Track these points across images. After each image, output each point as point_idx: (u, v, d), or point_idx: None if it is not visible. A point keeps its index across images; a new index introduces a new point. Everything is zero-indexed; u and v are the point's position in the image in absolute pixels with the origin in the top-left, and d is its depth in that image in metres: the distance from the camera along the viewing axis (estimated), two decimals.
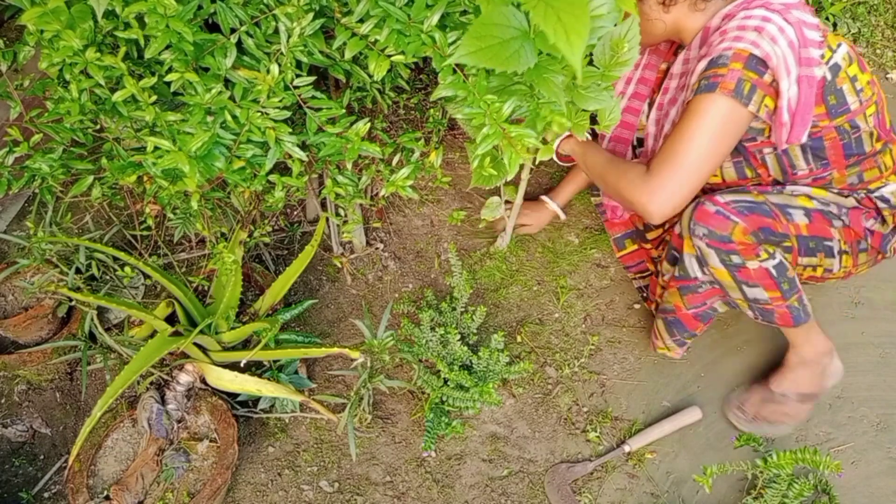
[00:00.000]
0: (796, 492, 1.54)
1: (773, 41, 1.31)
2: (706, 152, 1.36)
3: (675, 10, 1.45)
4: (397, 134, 2.10)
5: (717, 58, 1.35)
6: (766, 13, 1.33)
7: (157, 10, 1.01)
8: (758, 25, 1.32)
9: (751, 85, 1.32)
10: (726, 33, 1.36)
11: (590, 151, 1.61)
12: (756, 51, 1.31)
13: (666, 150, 1.39)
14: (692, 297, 1.60)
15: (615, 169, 1.50)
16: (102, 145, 1.27)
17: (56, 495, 1.67)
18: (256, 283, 1.83)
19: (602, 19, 1.10)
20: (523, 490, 1.68)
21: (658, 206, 1.38)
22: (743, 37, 1.33)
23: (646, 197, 1.39)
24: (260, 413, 1.72)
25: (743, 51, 1.32)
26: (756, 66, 1.32)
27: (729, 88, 1.32)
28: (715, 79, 1.34)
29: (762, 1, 1.36)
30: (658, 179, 1.38)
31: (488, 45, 0.99)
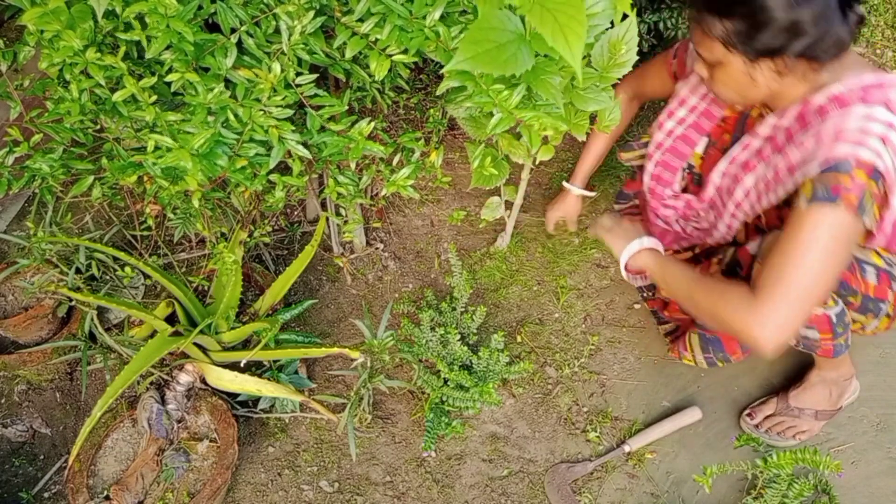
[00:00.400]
0: (796, 492, 1.54)
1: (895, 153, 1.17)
2: (822, 270, 1.18)
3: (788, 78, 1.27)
4: (397, 134, 2.10)
5: (838, 165, 1.16)
6: (891, 117, 1.17)
7: (158, 10, 1.01)
8: (883, 134, 1.16)
9: (872, 199, 1.18)
10: (842, 134, 1.18)
11: (669, 267, 1.43)
12: (879, 163, 1.16)
13: (775, 268, 1.20)
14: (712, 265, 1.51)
15: (709, 289, 1.30)
16: (102, 145, 1.27)
17: (56, 495, 1.67)
18: (256, 283, 1.83)
19: (597, 17, 1.10)
20: (523, 490, 1.68)
21: (770, 337, 1.17)
22: (866, 143, 1.16)
23: (756, 327, 1.18)
24: (260, 413, 1.72)
25: (868, 162, 1.15)
26: (877, 178, 1.17)
27: (853, 204, 1.16)
28: (836, 190, 1.16)
29: (882, 96, 1.19)
30: (768, 304, 1.18)
31: (485, 49, 0.99)
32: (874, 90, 1.21)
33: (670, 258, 1.48)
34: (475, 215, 2.07)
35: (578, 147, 2.19)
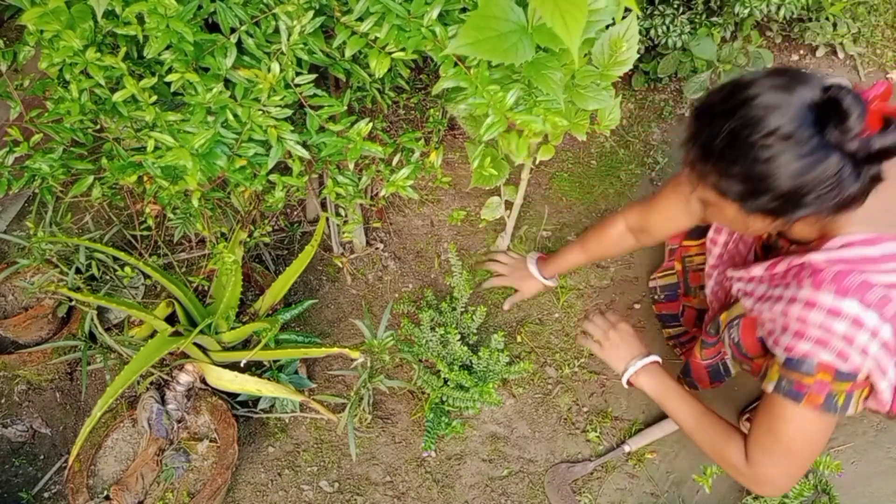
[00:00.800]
0: (796, 492, 1.54)
1: (864, 353, 1.10)
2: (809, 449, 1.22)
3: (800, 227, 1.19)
4: (397, 134, 2.10)
5: (800, 362, 1.15)
6: (860, 311, 1.08)
7: (158, 10, 1.01)
8: (846, 334, 1.09)
9: (845, 396, 1.15)
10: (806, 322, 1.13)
11: (670, 403, 1.45)
12: (843, 366, 1.12)
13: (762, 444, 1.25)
14: (709, 351, 1.54)
15: (709, 441, 1.36)
16: (102, 145, 1.27)
17: (56, 495, 1.67)
18: (256, 283, 1.83)
19: (599, 13, 1.10)
20: (523, 490, 1.68)
21: (772, 494, 1.30)
22: (829, 343, 1.11)
23: (756, 489, 1.29)
24: (260, 413, 1.72)
25: (829, 365, 1.12)
26: (847, 377, 1.13)
27: (817, 403, 1.15)
28: (800, 388, 1.16)
29: (860, 280, 1.09)
30: (763, 475, 1.25)
31: (486, 36, 0.99)
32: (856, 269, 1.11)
33: (668, 386, 1.47)
34: (475, 215, 2.07)
35: (579, 147, 2.19)
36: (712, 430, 1.36)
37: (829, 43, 2.28)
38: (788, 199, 1.06)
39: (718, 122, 1.07)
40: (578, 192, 2.12)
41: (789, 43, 2.32)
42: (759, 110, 1.03)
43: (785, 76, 1.05)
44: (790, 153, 1.01)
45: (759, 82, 1.06)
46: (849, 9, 2.27)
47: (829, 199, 1.04)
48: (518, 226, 2.04)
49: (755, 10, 1.85)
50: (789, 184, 1.04)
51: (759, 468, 1.26)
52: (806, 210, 1.07)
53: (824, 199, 1.04)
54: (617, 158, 2.17)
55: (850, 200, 1.05)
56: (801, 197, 1.05)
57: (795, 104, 1.02)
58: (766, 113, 1.02)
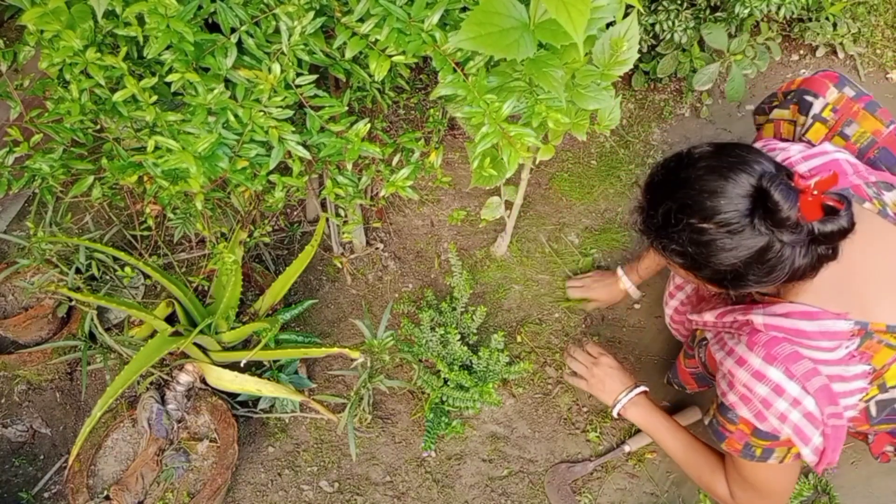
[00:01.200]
0: (796, 491, 1.54)
1: (782, 419, 1.13)
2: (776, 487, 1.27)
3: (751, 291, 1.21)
4: (397, 134, 2.10)
5: (726, 409, 1.21)
6: (782, 380, 1.11)
7: (158, 10, 1.01)
8: (765, 398, 1.13)
9: (763, 449, 1.20)
10: (735, 378, 1.17)
11: (659, 436, 1.50)
12: (761, 426, 1.16)
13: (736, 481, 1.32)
14: (691, 361, 1.55)
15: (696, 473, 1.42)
16: (102, 145, 1.27)
17: (56, 495, 1.67)
18: (256, 283, 1.83)
19: (601, 10, 1.10)
20: (523, 490, 1.68)
21: None
22: (750, 400, 1.16)
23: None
24: (260, 413, 1.72)
25: (748, 421, 1.17)
26: (765, 436, 1.18)
27: (736, 448, 1.22)
28: (724, 430, 1.23)
29: (790, 351, 1.12)
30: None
31: (488, 31, 0.99)
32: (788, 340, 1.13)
33: (656, 419, 1.52)
34: (475, 215, 2.07)
35: (579, 147, 2.19)
36: (700, 464, 1.41)
37: (829, 43, 2.28)
38: (728, 276, 1.09)
39: (658, 200, 1.11)
40: (578, 192, 2.12)
41: (789, 43, 2.32)
42: (695, 194, 1.06)
43: (728, 159, 1.07)
44: (724, 239, 1.04)
45: (701, 163, 1.08)
46: (849, 9, 2.27)
47: (775, 278, 1.07)
48: (518, 226, 2.04)
49: (755, 9, 1.85)
50: (724, 265, 1.07)
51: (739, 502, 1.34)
52: (751, 286, 1.10)
53: (766, 279, 1.07)
54: (617, 158, 2.17)
55: (803, 273, 1.07)
56: (740, 276, 1.08)
57: (731, 192, 1.04)
58: (702, 198, 1.05)
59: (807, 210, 1.01)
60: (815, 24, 2.23)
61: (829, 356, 1.11)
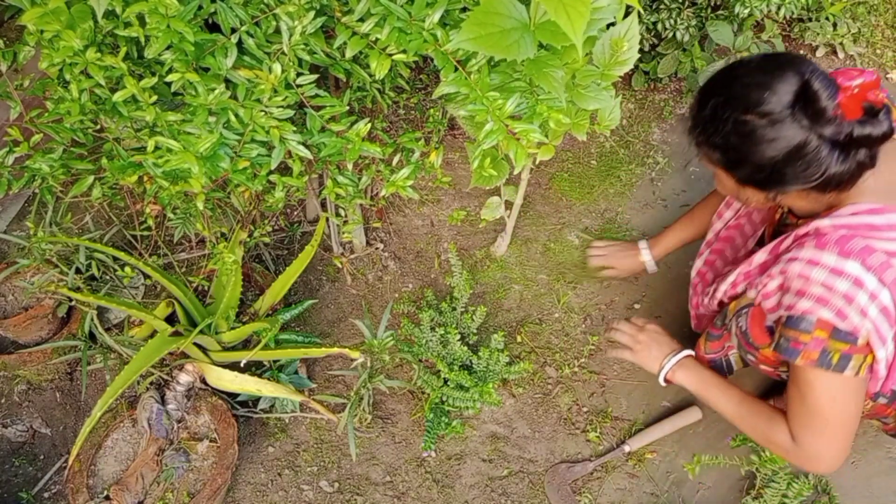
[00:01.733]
0: (796, 491, 1.54)
1: (863, 314, 1.12)
2: (842, 420, 1.22)
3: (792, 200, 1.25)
4: (397, 134, 2.10)
5: (799, 320, 1.17)
6: (861, 272, 1.12)
7: (159, 10, 1.01)
8: (846, 292, 1.12)
9: (840, 355, 1.16)
10: (809, 280, 1.15)
11: (710, 393, 1.45)
12: (842, 324, 1.14)
13: (798, 418, 1.27)
14: (713, 344, 1.55)
15: (752, 426, 1.37)
16: (102, 145, 1.27)
17: (56, 495, 1.67)
18: (256, 283, 1.83)
19: (601, 11, 1.10)
20: (523, 490, 1.68)
21: (828, 469, 1.26)
22: (829, 301, 1.14)
23: (811, 466, 1.28)
24: (260, 413, 1.72)
25: (827, 321, 1.15)
26: (845, 337, 1.15)
27: (811, 359, 1.18)
28: (796, 345, 1.19)
29: (863, 245, 1.13)
30: (811, 450, 1.26)
31: (489, 32, 0.99)
32: (859, 235, 1.15)
33: (706, 376, 1.47)
34: (475, 215, 2.07)
35: (579, 147, 2.19)
36: (755, 416, 1.36)
37: (829, 43, 2.28)
38: (767, 172, 1.14)
39: (707, 98, 1.18)
40: (578, 192, 2.12)
41: (789, 43, 2.32)
42: (742, 89, 1.13)
43: (777, 59, 1.13)
44: (766, 130, 1.10)
45: (751, 64, 1.15)
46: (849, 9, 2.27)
47: (811, 177, 1.12)
48: (518, 226, 2.04)
49: (755, 9, 1.85)
50: (764, 158, 1.12)
51: (804, 444, 1.26)
52: (789, 185, 1.15)
53: (804, 177, 1.12)
54: (617, 158, 2.17)
55: (840, 180, 1.12)
56: (779, 172, 1.13)
57: (776, 86, 1.10)
58: (748, 92, 1.11)
59: (847, 107, 1.06)
60: (815, 24, 2.23)
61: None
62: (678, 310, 1.89)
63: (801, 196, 1.21)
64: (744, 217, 1.52)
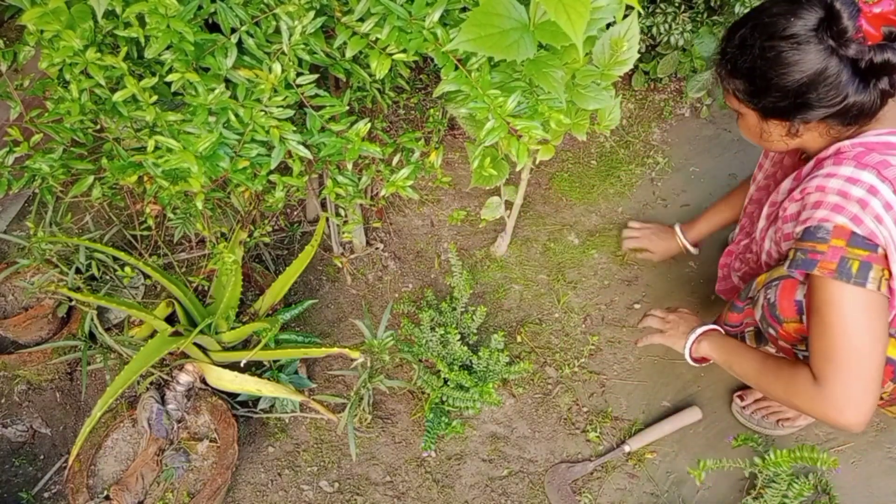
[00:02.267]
0: (796, 492, 1.54)
1: (878, 220, 1.13)
2: (868, 347, 1.18)
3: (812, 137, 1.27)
4: (397, 134, 2.10)
5: (816, 229, 1.18)
6: (875, 181, 1.14)
7: (158, 10, 1.01)
8: (861, 198, 1.14)
9: (860, 263, 1.15)
10: (825, 190, 1.17)
11: (735, 357, 1.45)
12: (858, 229, 1.14)
13: (820, 354, 1.22)
14: (733, 315, 1.55)
15: (775, 380, 1.33)
16: (102, 145, 1.27)
17: (56, 495, 1.67)
18: (256, 283, 1.83)
19: (601, 11, 1.10)
20: (523, 490, 1.68)
21: (853, 419, 1.19)
22: (844, 208, 1.15)
23: (836, 415, 1.20)
24: (260, 413, 1.72)
25: (843, 226, 1.15)
26: (863, 243, 1.15)
27: (829, 268, 1.16)
28: (813, 255, 1.18)
29: (879, 159, 1.16)
30: (835, 391, 1.19)
31: (488, 33, 0.99)
32: (876, 151, 1.17)
33: (730, 343, 1.48)
34: (475, 215, 2.07)
35: (579, 147, 2.19)
36: (778, 368, 1.34)
37: None
38: (792, 96, 1.18)
39: (736, 30, 1.22)
40: (578, 192, 2.12)
41: None
42: (769, 17, 1.17)
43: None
44: (790, 53, 1.14)
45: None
46: None
47: (833, 101, 1.15)
48: (518, 226, 2.04)
49: None
50: (789, 81, 1.16)
51: (827, 383, 1.20)
52: (812, 111, 1.18)
53: (827, 101, 1.16)
54: (617, 158, 2.17)
55: (861, 110, 1.17)
56: (803, 95, 1.16)
57: (801, 12, 1.14)
58: (774, 20, 1.16)
59: (867, 31, 1.11)
60: None
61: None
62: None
63: (822, 133, 1.23)
64: (771, 178, 1.53)
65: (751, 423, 1.72)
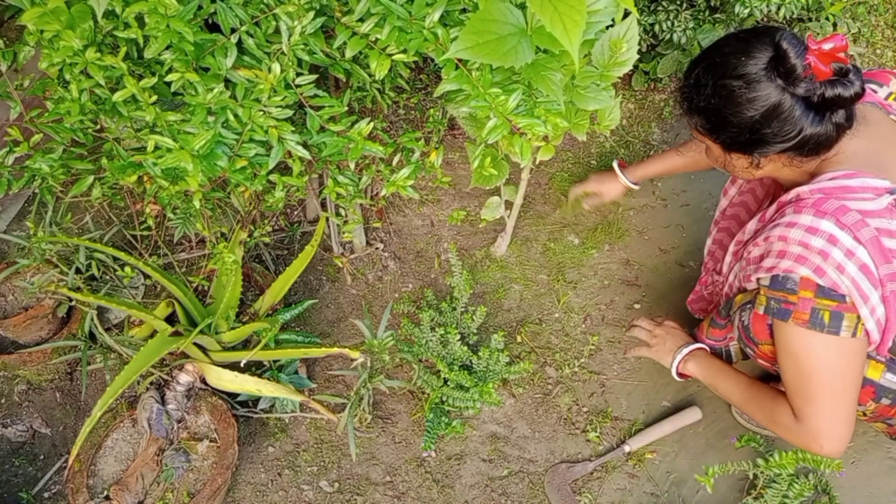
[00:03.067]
0: (796, 492, 1.54)
1: (840, 270, 1.16)
2: (842, 388, 1.23)
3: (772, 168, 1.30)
4: (397, 134, 2.10)
5: (784, 279, 1.22)
6: (835, 230, 1.16)
7: (158, 10, 1.01)
8: (822, 249, 1.16)
9: (830, 313, 1.18)
10: (787, 241, 1.20)
11: (719, 380, 1.51)
12: (821, 280, 1.17)
13: (797, 393, 1.28)
14: (715, 331, 1.57)
15: (758, 409, 1.40)
16: (102, 145, 1.27)
17: (56, 495, 1.67)
18: (256, 283, 1.83)
19: (598, 14, 1.10)
20: (523, 490, 1.68)
21: (836, 449, 1.27)
22: (807, 259, 1.18)
23: (817, 447, 1.28)
24: (260, 413, 1.72)
25: (808, 278, 1.18)
26: (830, 294, 1.18)
27: (803, 319, 1.20)
28: (787, 305, 1.22)
29: (837, 205, 1.18)
30: (816, 428, 1.26)
31: (486, 40, 0.99)
32: (834, 196, 1.20)
33: (716, 366, 1.54)
34: (475, 215, 2.07)
35: (579, 147, 2.19)
36: (761, 399, 1.40)
37: None
38: (747, 133, 1.21)
39: (693, 68, 1.27)
40: None
41: None
42: (722, 57, 1.21)
43: (754, 31, 1.21)
44: (742, 91, 1.17)
45: (730, 36, 1.24)
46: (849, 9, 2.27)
47: (789, 136, 1.18)
48: (518, 226, 2.04)
49: (755, 9, 1.85)
50: (743, 119, 1.19)
51: (806, 419, 1.27)
52: (770, 146, 1.21)
53: (783, 135, 1.19)
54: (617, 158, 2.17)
55: (818, 142, 1.20)
56: (759, 131, 1.20)
57: (752, 52, 1.18)
58: (727, 58, 1.19)
59: (816, 67, 1.14)
60: (815, 24, 2.23)
61: (874, 206, 1.17)
62: (678, 310, 1.89)
63: (784, 163, 1.26)
64: (747, 193, 1.56)
65: (751, 424, 1.72)
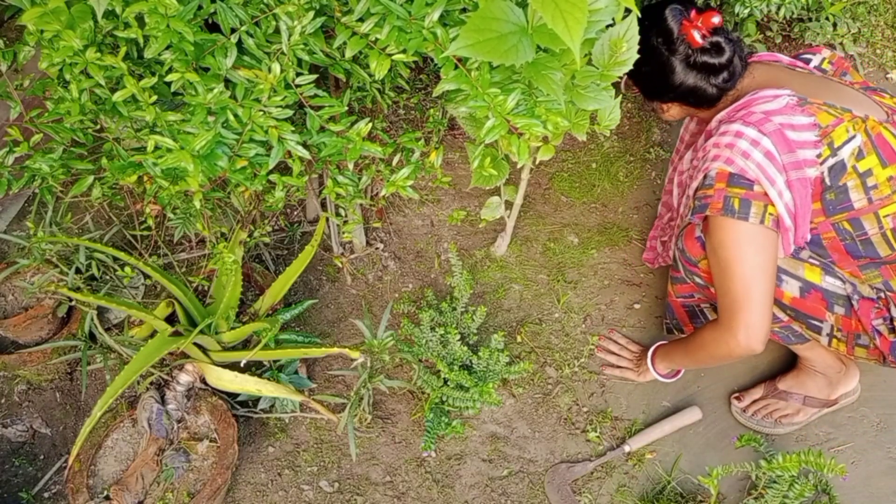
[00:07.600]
0: (797, 492, 1.54)
1: (746, 156, 1.32)
2: (751, 274, 1.35)
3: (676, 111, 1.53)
4: (397, 134, 2.10)
5: (704, 178, 1.39)
6: (741, 127, 1.34)
7: (158, 10, 1.01)
8: (729, 142, 1.34)
9: (740, 200, 1.33)
10: (706, 150, 1.40)
11: (675, 355, 1.68)
12: (730, 168, 1.34)
13: (720, 286, 1.40)
14: (680, 287, 1.63)
15: (696, 344, 1.55)
16: (102, 145, 1.27)
17: (56, 495, 1.67)
18: (256, 283, 1.83)
19: (600, 13, 1.10)
20: (523, 490, 1.68)
21: (750, 342, 1.37)
22: (719, 155, 1.36)
23: (735, 342, 1.38)
24: (260, 413, 1.72)
25: (722, 170, 1.35)
26: (739, 182, 1.33)
27: (717, 207, 1.34)
28: (706, 199, 1.37)
29: (743, 113, 1.37)
30: (731, 321, 1.38)
31: (486, 38, 0.99)
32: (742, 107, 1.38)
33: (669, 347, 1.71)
34: (475, 215, 2.07)
35: (579, 147, 2.19)
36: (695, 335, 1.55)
37: (829, 42, 2.28)
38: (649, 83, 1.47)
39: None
40: (578, 192, 2.12)
41: (789, 43, 2.32)
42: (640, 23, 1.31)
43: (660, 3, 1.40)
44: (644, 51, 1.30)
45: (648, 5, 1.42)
46: (849, 9, 2.27)
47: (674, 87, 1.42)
48: (518, 226, 2.04)
49: (755, 9, 1.85)
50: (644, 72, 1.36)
51: (727, 316, 1.39)
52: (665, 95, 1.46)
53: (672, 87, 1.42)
54: (617, 158, 2.17)
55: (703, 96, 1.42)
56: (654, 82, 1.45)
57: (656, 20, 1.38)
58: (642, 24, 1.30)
59: (691, 36, 1.35)
60: (815, 23, 2.23)
61: (775, 105, 1.35)
62: None
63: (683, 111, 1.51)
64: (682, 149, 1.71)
65: (751, 423, 1.73)
